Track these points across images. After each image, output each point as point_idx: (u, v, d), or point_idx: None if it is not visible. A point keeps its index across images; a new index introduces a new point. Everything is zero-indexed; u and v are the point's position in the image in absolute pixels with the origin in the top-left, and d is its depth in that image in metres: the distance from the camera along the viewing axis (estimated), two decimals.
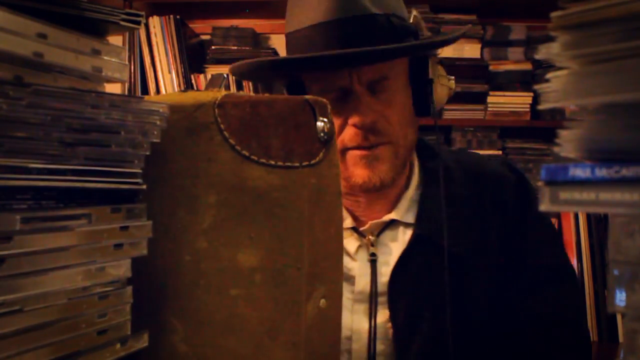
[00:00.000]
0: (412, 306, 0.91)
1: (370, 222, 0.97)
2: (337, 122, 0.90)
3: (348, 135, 0.90)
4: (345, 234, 0.97)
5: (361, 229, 0.97)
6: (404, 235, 0.96)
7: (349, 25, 0.86)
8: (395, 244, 0.96)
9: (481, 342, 0.92)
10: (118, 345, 0.51)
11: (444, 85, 0.95)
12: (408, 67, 0.93)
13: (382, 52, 0.84)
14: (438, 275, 0.88)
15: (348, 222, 0.98)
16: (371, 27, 0.86)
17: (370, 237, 0.96)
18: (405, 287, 0.92)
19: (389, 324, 0.92)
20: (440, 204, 0.90)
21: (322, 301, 0.61)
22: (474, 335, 0.91)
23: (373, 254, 0.95)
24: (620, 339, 1.89)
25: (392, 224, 0.97)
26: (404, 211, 0.97)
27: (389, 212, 0.97)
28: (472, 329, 0.91)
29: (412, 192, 0.98)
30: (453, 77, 0.98)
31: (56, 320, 0.46)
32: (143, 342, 0.53)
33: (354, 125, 0.89)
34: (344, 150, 0.91)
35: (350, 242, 0.97)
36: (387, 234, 0.97)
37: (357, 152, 0.90)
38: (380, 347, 0.92)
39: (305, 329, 0.59)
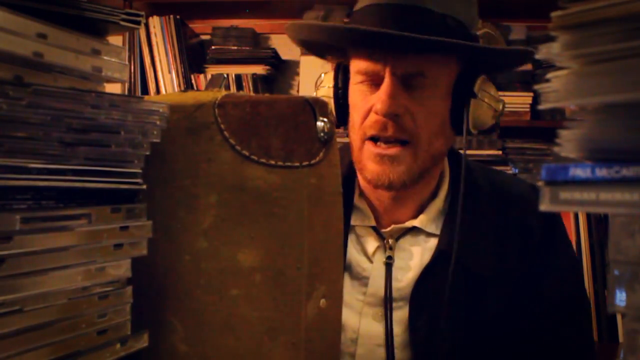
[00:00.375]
0: (433, 319, 0.90)
1: (392, 226, 0.96)
2: (363, 107, 0.89)
3: (369, 122, 0.89)
4: (366, 232, 0.97)
5: (382, 230, 0.97)
6: (425, 244, 0.95)
7: (401, 11, 0.86)
8: (415, 251, 0.95)
9: None
10: (118, 345, 0.51)
11: (488, 105, 0.91)
12: (455, 78, 0.91)
13: (413, 39, 0.82)
14: (458, 291, 0.88)
15: (370, 220, 0.97)
16: (422, 20, 0.85)
17: (389, 240, 0.96)
18: (427, 299, 0.91)
19: (406, 332, 0.92)
20: (467, 221, 0.89)
21: (322, 301, 0.61)
22: (489, 355, 0.91)
23: (389, 257, 0.94)
24: (620, 339, 1.89)
25: (414, 230, 0.96)
26: (429, 220, 0.96)
27: (413, 218, 0.96)
28: (487, 348, 0.91)
29: (440, 203, 0.97)
30: (503, 100, 0.93)
31: (56, 320, 0.46)
32: (143, 342, 0.53)
33: (376, 112, 0.88)
34: (364, 139, 0.90)
35: (370, 242, 0.97)
36: (408, 240, 0.96)
37: (373, 149, 0.89)
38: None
39: (305, 329, 0.59)
